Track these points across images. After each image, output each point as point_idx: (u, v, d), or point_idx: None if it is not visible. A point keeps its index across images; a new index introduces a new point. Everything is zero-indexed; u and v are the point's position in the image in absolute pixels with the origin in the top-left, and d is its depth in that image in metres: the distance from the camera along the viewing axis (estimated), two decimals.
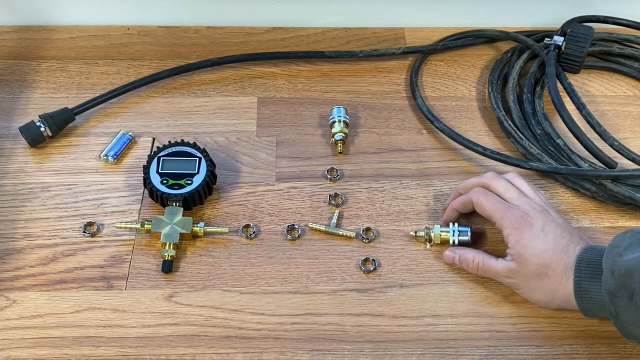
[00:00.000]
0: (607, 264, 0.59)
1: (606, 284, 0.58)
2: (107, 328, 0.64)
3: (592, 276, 0.60)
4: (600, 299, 0.59)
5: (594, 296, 0.60)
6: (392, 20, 0.96)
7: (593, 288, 0.60)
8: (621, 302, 0.57)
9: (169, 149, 0.75)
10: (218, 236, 0.72)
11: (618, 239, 0.60)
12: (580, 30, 0.88)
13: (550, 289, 0.64)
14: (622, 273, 0.57)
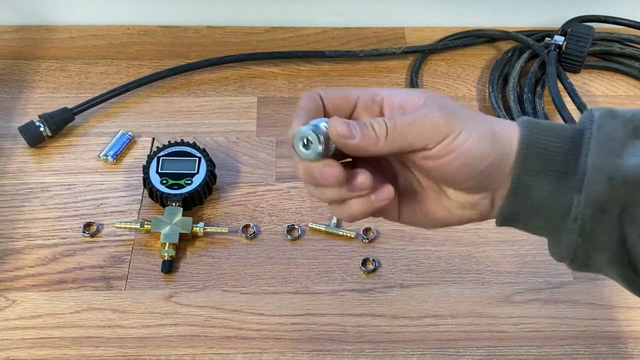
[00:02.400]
0: (600, 164, 0.42)
1: (594, 193, 0.42)
2: (106, 328, 0.64)
3: (541, 169, 0.43)
4: (544, 202, 0.44)
5: (536, 196, 0.44)
6: (392, 20, 0.96)
7: (539, 186, 0.44)
8: (606, 218, 0.42)
9: (168, 149, 0.75)
10: (218, 236, 0.72)
11: (607, 125, 0.43)
12: (581, 30, 0.88)
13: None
14: (626, 181, 0.41)
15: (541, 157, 0.43)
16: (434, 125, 0.42)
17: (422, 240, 0.72)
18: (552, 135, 0.44)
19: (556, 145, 0.44)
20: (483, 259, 0.71)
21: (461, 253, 0.71)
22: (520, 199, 0.44)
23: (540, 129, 0.44)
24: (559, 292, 0.69)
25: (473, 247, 0.72)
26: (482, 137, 0.43)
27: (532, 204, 0.44)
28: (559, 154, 0.43)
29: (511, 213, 0.45)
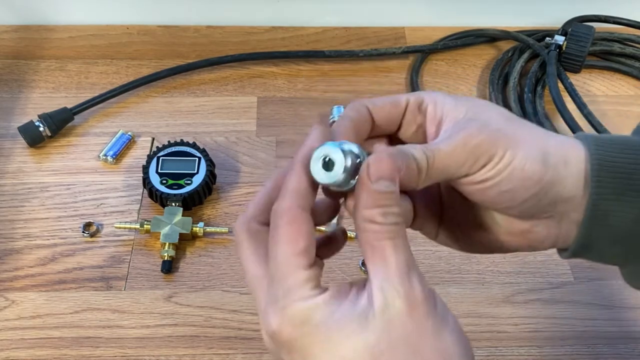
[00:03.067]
0: None
1: None
2: (106, 329, 0.64)
3: (620, 190, 0.37)
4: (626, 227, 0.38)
5: (616, 221, 0.38)
6: (392, 20, 0.96)
7: (619, 209, 0.38)
8: None
9: (168, 148, 0.75)
10: (218, 236, 0.71)
11: None
12: (581, 29, 0.88)
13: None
14: None
15: (618, 177, 0.38)
16: (476, 150, 0.37)
17: (422, 240, 0.72)
18: (625, 150, 0.38)
19: (630, 161, 0.38)
20: (483, 259, 0.71)
21: (461, 253, 0.71)
22: (597, 227, 0.39)
23: (610, 145, 0.38)
24: (559, 292, 0.68)
25: None
26: (529, 159, 0.37)
27: (610, 232, 0.39)
28: (637, 171, 0.38)
29: (585, 243, 0.40)
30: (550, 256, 0.71)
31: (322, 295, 0.34)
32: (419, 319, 0.33)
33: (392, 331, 0.33)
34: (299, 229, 0.34)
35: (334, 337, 0.33)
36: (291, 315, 0.33)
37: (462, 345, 0.35)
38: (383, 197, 0.34)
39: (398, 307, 0.33)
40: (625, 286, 0.69)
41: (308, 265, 0.34)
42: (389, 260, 0.33)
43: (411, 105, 0.40)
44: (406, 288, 0.33)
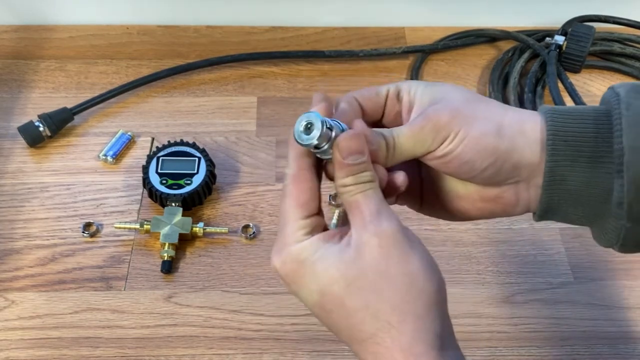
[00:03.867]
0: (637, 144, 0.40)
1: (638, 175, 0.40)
2: (106, 329, 0.64)
3: (576, 159, 0.42)
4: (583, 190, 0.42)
5: (573, 186, 0.43)
6: (392, 20, 0.96)
7: (573, 176, 0.42)
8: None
9: (168, 148, 0.74)
10: (217, 236, 0.71)
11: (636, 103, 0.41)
12: (581, 29, 0.88)
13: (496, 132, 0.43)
14: None
15: (570, 144, 0.42)
16: (434, 130, 0.42)
17: (422, 240, 0.72)
18: (576, 119, 0.43)
19: (584, 130, 0.42)
20: (483, 259, 0.71)
21: (461, 253, 0.71)
22: (556, 190, 0.43)
23: (563, 115, 0.43)
24: (559, 293, 0.68)
25: (473, 247, 0.71)
26: (483, 133, 0.42)
27: (569, 194, 0.43)
28: (588, 139, 0.42)
29: (549, 205, 0.44)
30: (551, 256, 0.71)
31: (311, 239, 0.40)
32: (387, 248, 0.39)
33: (363, 260, 0.39)
34: (300, 186, 0.41)
35: (317, 269, 0.40)
36: (286, 255, 0.41)
37: (429, 269, 0.40)
38: (354, 168, 0.40)
39: (367, 241, 0.39)
40: (625, 286, 0.70)
41: (305, 216, 0.41)
42: (362, 209, 0.40)
43: (390, 94, 0.46)
44: (375, 225, 0.39)
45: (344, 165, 0.40)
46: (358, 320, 0.39)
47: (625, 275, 0.70)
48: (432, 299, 0.39)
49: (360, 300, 0.39)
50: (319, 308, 0.41)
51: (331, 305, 0.40)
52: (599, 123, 0.42)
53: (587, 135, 0.42)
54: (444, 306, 0.40)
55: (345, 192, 0.40)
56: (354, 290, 0.39)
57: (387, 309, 0.38)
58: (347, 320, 0.39)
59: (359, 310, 0.39)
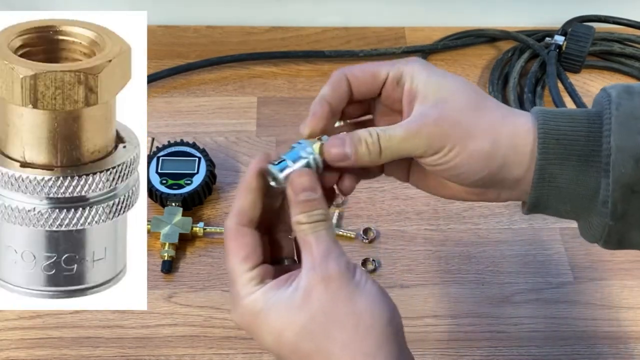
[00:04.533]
0: (624, 144, 0.41)
1: (622, 175, 0.41)
2: (106, 329, 0.64)
3: (566, 158, 0.43)
4: (572, 188, 0.44)
5: (563, 183, 0.44)
6: (392, 20, 0.96)
7: (563, 174, 0.43)
8: (637, 199, 0.42)
9: (168, 148, 0.75)
10: (218, 236, 0.71)
11: (626, 103, 0.42)
12: (581, 29, 0.88)
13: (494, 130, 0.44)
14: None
15: (561, 143, 0.43)
16: (428, 140, 0.43)
17: (422, 240, 0.72)
18: (567, 120, 0.43)
19: (574, 130, 0.43)
20: (483, 259, 0.71)
21: (461, 253, 0.71)
22: (546, 187, 0.44)
23: (555, 116, 0.44)
24: (559, 292, 0.69)
25: (473, 247, 0.71)
26: (476, 153, 0.43)
27: (558, 191, 0.44)
28: (579, 138, 0.43)
29: (538, 201, 0.45)
30: (550, 256, 0.71)
31: (262, 289, 0.41)
32: (333, 291, 0.40)
33: (311, 304, 0.40)
34: (240, 242, 0.42)
35: (271, 318, 0.41)
36: (242, 309, 0.42)
37: (377, 304, 0.41)
38: (306, 204, 0.41)
39: (315, 285, 0.40)
40: (625, 286, 0.70)
41: (251, 268, 0.42)
42: (312, 250, 0.41)
43: (390, 78, 0.45)
44: (323, 268, 0.40)
45: (296, 203, 0.41)
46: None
47: (625, 275, 0.70)
48: (382, 335, 0.40)
49: (312, 344, 0.40)
50: (276, 354, 0.42)
51: (286, 351, 0.41)
52: (591, 123, 0.43)
53: (577, 135, 0.43)
54: (399, 337, 0.41)
55: (299, 230, 0.42)
56: (305, 335, 0.40)
57: (336, 350, 0.39)
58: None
59: (312, 353, 0.40)
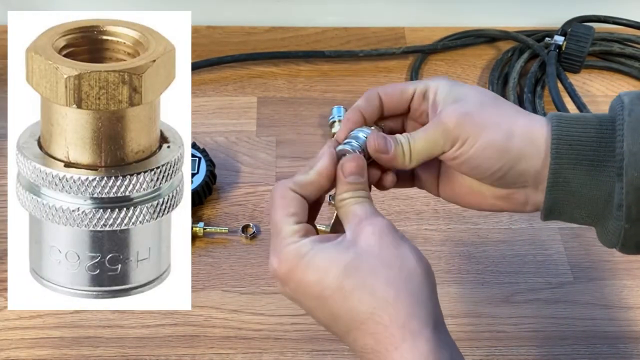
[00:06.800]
0: (636, 149, 0.43)
1: (635, 179, 0.43)
2: (106, 328, 0.64)
3: (579, 162, 0.45)
4: (586, 193, 0.45)
5: (577, 188, 0.45)
6: (392, 20, 0.96)
7: (576, 178, 0.45)
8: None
9: None
10: (218, 236, 0.71)
11: (638, 109, 0.44)
12: (581, 29, 0.88)
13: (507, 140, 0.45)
14: None
15: (574, 148, 0.44)
16: (445, 134, 0.46)
17: (422, 240, 0.72)
18: (581, 125, 0.45)
19: (587, 135, 0.45)
20: (483, 259, 0.71)
21: (461, 253, 0.71)
22: (560, 192, 0.45)
23: (568, 121, 0.45)
24: (559, 292, 0.69)
25: (473, 247, 0.72)
26: (491, 142, 0.45)
27: (572, 196, 0.45)
28: (592, 143, 0.44)
29: (553, 206, 0.46)
30: (550, 256, 0.71)
31: (308, 238, 0.43)
32: (379, 235, 0.42)
33: (358, 246, 0.42)
34: (288, 201, 0.44)
35: (318, 257, 0.42)
36: (285, 254, 0.43)
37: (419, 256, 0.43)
38: (352, 185, 0.45)
39: (362, 230, 0.43)
40: (625, 286, 0.70)
41: (297, 222, 0.44)
42: (357, 212, 0.44)
43: (417, 94, 0.49)
44: (370, 220, 0.43)
45: (344, 183, 0.45)
46: (356, 300, 0.41)
47: (625, 275, 0.70)
48: (423, 281, 0.42)
49: (356, 279, 0.41)
50: (316, 298, 0.42)
51: (329, 291, 0.41)
52: (603, 129, 0.44)
53: (590, 139, 0.44)
54: (434, 292, 0.43)
55: (343, 204, 0.45)
56: (351, 271, 0.41)
57: (382, 285, 0.41)
58: (345, 303, 0.41)
59: (356, 289, 0.41)
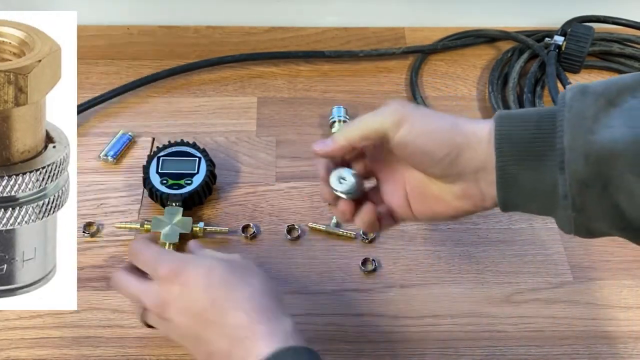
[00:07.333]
0: (575, 144, 0.45)
1: (575, 172, 0.45)
2: (106, 328, 0.64)
3: (522, 158, 0.47)
4: (534, 187, 0.47)
5: (524, 183, 0.47)
6: (392, 20, 0.96)
7: (522, 174, 0.47)
8: (592, 193, 0.45)
9: (168, 149, 0.75)
10: (218, 236, 0.72)
11: (578, 105, 0.46)
12: (581, 30, 0.88)
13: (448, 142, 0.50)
14: (600, 158, 0.44)
15: (516, 145, 0.47)
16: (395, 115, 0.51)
17: (422, 240, 0.72)
18: (522, 122, 0.47)
19: (528, 132, 0.47)
20: (483, 259, 0.71)
21: (461, 253, 0.71)
22: (509, 187, 0.48)
23: (510, 119, 0.48)
24: (558, 292, 0.69)
25: (473, 247, 0.72)
26: (439, 126, 0.50)
27: (521, 190, 0.48)
28: (533, 139, 0.47)
29: (506, 201, 0.49)
30: (550, 256, 0.71)
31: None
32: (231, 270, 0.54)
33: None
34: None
35: (200, 260, 0.56)
36: (171, 259, 0.56)
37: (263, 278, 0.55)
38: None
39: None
40: (624, 286, 0.70)
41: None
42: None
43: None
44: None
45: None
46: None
47: (625, 275, 0.70)
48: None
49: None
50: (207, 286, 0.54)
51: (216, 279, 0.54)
52: (543, 124, 0.47)
53: (531, 136, 0.47)
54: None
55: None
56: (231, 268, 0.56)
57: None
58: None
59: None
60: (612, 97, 0.45)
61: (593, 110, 0.45)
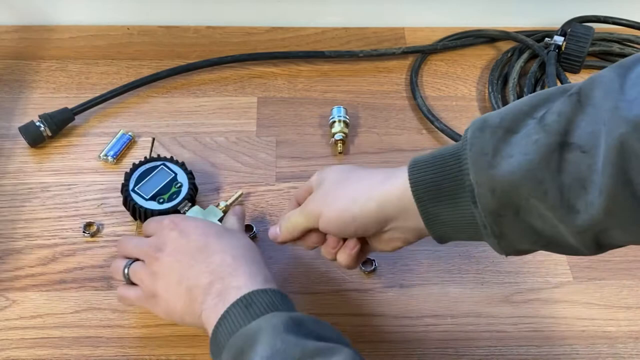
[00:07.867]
0: (480, 180, 0.48)
1: (486, 205, 0.48)
2: (106, 328, 0.64)
3: (438, 199, 0.51)
4: (456, 221, 0.51)
5: (447, 219, 0.52)
6: (392, 20, 0.96)
7: (443, 212, 0.52)
8: (507, 220, 0.48)
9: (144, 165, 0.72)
10: None
11: (477, 141, 0.49)
12: (581, 30, 0.88)
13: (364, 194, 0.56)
14: (504, 190, 0.47)
15: (430, 188, 0.51)
16: (308, 213, 0.59)
17: (422, 240, 0.72)
18: (431, 167, 0.52)
19: (437, 175, 0.51)
20: (483, 259, 0.71)
21: (461, 253, 0.71)
22: (435, 224, 0.53)
23: (420, 166, 0.52)
24: (558, 292, 0.69)
25: (473, 247, 0.72)
26: (340, 212, 0.56)
27: (446, 224, 0.52)
28: (443, 181, 0.51)
29: (439, 236, 0.54)
30: (550, 256, 0.71)
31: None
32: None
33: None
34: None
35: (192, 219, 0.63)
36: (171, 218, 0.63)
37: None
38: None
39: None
40: (624, 286, 0.70)
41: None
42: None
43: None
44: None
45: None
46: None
47: (624, 275, 0.70)
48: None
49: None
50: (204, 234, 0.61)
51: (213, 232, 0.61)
52: (449, 165, 0.51)
53: (441, 178, 0.51)
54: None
55: None
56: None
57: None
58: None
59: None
60: (510, 126, 0.48)
61: (492, 144, 0.48)
